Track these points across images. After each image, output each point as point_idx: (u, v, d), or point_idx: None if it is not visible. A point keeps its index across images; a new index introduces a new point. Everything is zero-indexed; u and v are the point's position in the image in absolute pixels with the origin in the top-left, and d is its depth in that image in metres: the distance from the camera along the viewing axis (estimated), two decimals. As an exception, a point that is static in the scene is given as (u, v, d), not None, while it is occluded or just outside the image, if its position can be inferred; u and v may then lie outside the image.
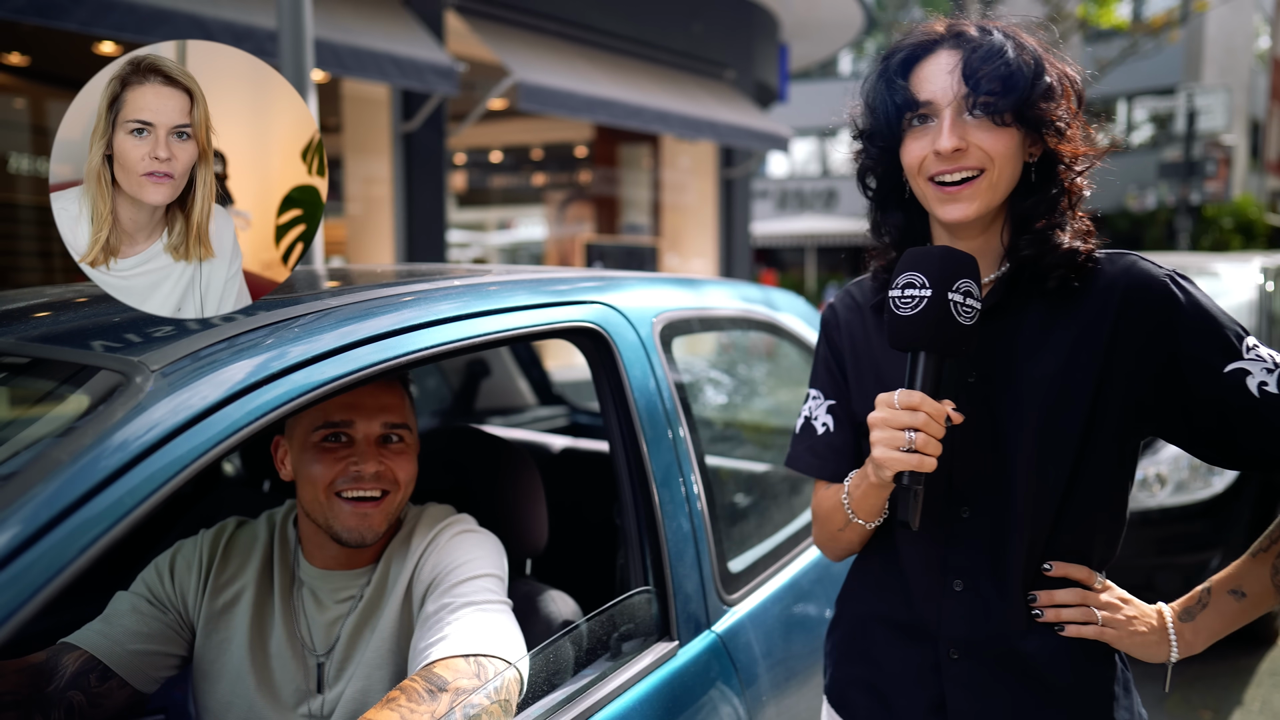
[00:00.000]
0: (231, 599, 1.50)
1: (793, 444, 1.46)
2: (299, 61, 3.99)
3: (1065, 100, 1.21)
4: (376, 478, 1.42)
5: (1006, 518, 1.23)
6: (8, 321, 1.40)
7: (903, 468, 1.13)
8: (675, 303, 1.94)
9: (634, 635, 1.59)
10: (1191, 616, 1.24)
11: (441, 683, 1.20)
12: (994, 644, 1.25)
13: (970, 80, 1.17)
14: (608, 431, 1.68)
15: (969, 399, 1.24)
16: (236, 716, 1.44)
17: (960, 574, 1.26)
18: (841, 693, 1.42)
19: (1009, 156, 1.19)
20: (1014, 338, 1.24)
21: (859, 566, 1.43)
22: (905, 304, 1.15)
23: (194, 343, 1.16)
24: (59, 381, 1.16)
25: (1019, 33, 1.22)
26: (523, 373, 3.94)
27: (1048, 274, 1.22)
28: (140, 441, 1.00)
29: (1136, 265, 1.22)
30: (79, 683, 1.38)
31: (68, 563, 0.90)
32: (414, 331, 1.36)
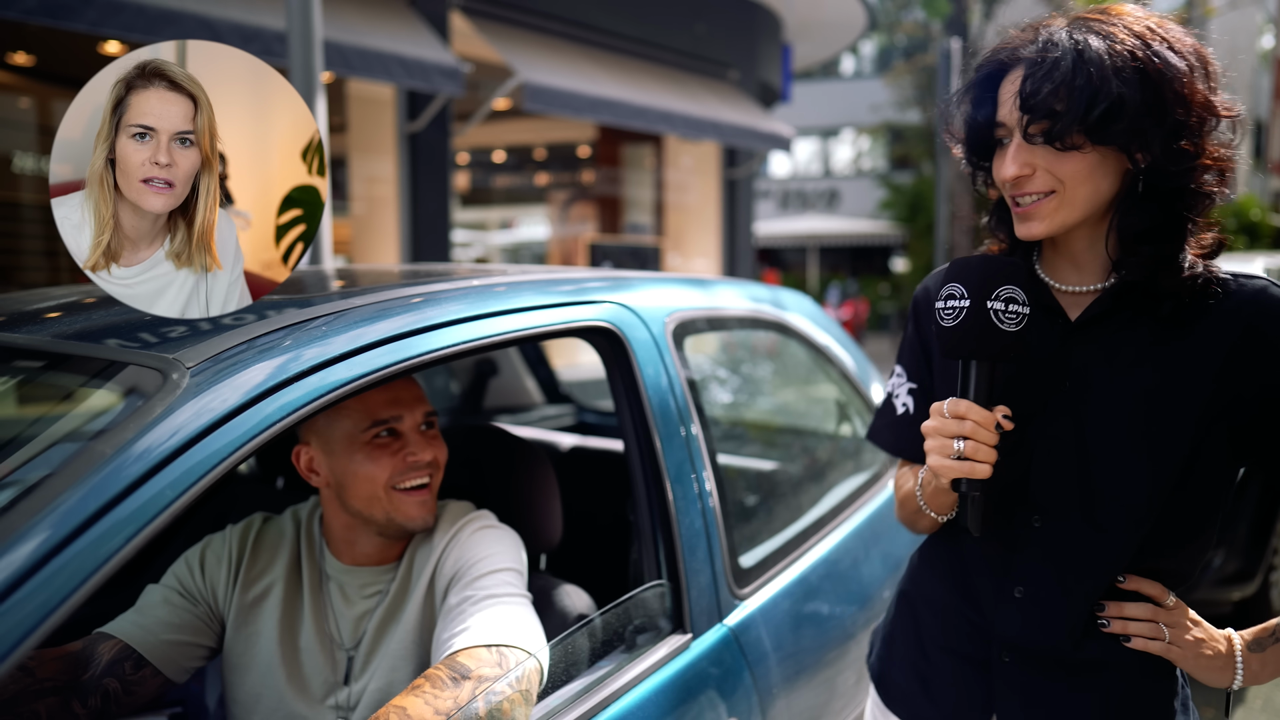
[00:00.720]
0: (261, 593, 1.53)
1: (875, 417, 1.47)
2: (308, 63, 4.02)
3: (1164, 107, 1.09)
4: (431, 464, 1.49)
5: (1078, 531, 1.20)
6: (39, 320, 1.43)
7: (953, 474, 1.13)
8: (687, 302, 1.97)
9: (648, 628, 1.62)
10: (1261, 647, 1.21)
11: (465, 671, 1.23)
12: (1047, 653, 1.24)
13: (1025, 106, 1.12)
14: (622, 428, 1.71)
15: (1059, 407, 1.21)
16: (266, 707, 1.48)
17: (1023, 581, 1.24)
18: (885, 670, 1.42)
19: (1083, 177, 1.13)
20: (1115, 351, 1.20)
21: (926, 553, 1.42)
22: (948, 315, 1.15)
23: (221, 343, 1.19)
24: (96, 378, 1.19)
25: (1103, 32, 1.12)
26: (530, 371, 3.97)
27: (1162, 299, 1.17)
28: (181, 435, 1.03)
29: (1269, 291, 1.16)
30: (114, 670, 1.42)
31: (115, 550, 0.94)
32: (436, 330, 1.39)
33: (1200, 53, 1.14)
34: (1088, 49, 1.10)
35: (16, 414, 1.27)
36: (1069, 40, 1.12)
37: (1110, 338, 1.21)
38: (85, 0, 5.12)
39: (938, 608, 1.35)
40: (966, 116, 1.23)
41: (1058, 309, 1.25)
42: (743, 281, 2.48)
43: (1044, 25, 1.18)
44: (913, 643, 1.38)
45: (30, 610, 0.88)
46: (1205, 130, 1.13)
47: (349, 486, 1.47)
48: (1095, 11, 1.16)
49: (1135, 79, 1.09)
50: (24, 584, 0.89)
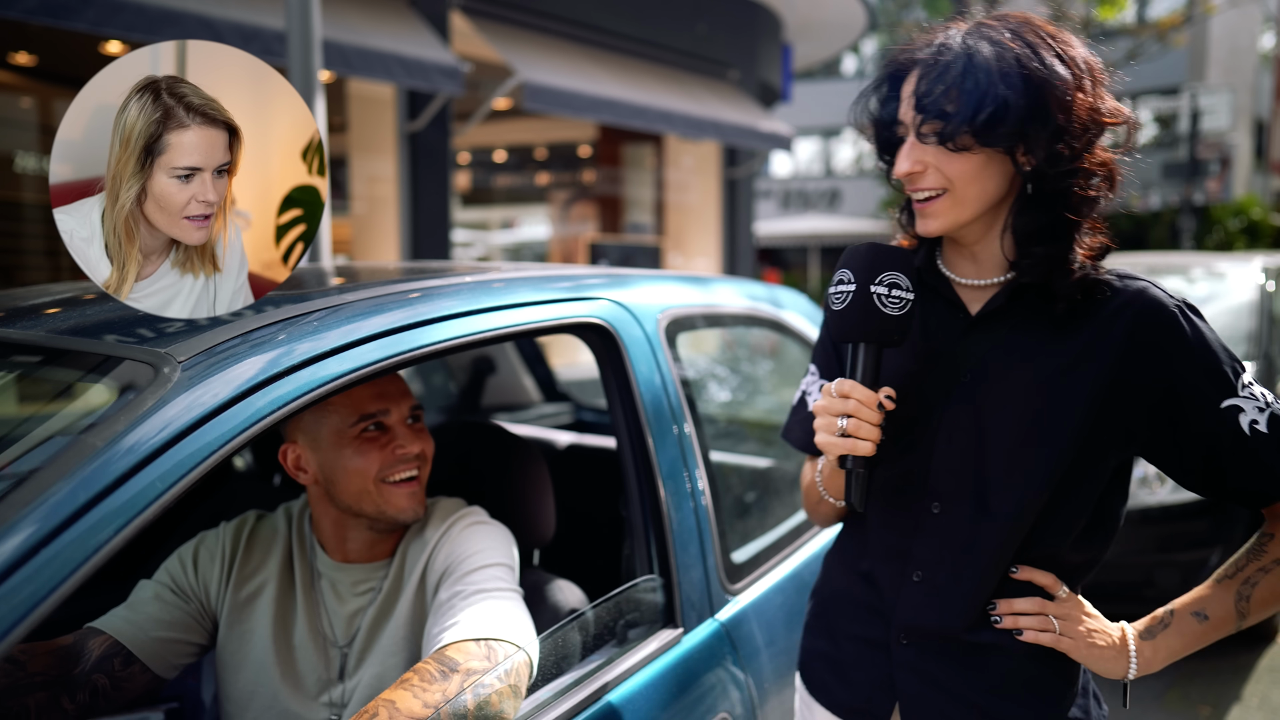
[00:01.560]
0: (255, 591, 1.54)
1: (789, 416, 1.51)
2: (307, 62, 4.03)
3: (1047, 112, 1.14)
4: (419, 456, 1.49)
5: (975, 519, 1.25)
6: (35, 315, 1.44)
7: (837, 451, 1.19)
8: (681, 299, 1.98)
9: (640, 623, 1.63)
10: (1152, 635, 1.25)
11: (453, 664, 1.24)
12: (942, 636, 1.28)
13: (918, 106, 1.17)
14: (614, 426, 1.72)
15: (958, 397, 1.26)
16: (260, 704, 1.49)
17: (921, 566, 1.28)
18: (806, 663, 1.46)
19: (971, 177, 1.18)
20: (1012, 344, 1.25)
21: (836, 545, 1.46)
22: (836, 299, 1.21)
23: (214, 337, 1.20)
24: (90, 371, 1.20)
25: (996, 38, 1.16)
26: (528, 370, 3.98)
27: (1056, 299, 1.21)
28: (172, 428, 1.04)
29: (1148, 292, 1.21)
30: (103, 666, 1.43)
31: (104, 542, 0.95)
32: (428, 325, 1.40)
33: (1089, 63, 1.19)
34: (977, 54, 1.15)
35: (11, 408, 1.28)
36: (961, 45, 1.17)
37: (1007, 332, 1.26)
38: (85, 0, 5.14)
39: (844, 596, 1.39)
40: (872, 114, 1.29)
41: (959, 302, 1.30)
42: (740, 280, 2.48)
43: (943, 29, 1.22)
44: (825, 632, 1.42)
45: (19, 601, 0.89)
46: (1088, 137, 1.18)
47: (338, 482, 1.47)
48: (993, 18, 1.21)
49: (1020, 84, 1.13)
50: (12, 575, 0.90)
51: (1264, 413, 1.18)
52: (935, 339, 1.30)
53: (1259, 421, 1.17)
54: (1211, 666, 4.02)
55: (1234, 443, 1.18)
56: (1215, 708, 3.67)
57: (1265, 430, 1.17)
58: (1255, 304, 5.01)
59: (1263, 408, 1.18)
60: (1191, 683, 3.87)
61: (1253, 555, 1.24)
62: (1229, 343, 1.13)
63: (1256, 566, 1.23)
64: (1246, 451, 1.17)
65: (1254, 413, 1.18)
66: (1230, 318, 5.03)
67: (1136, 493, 3.98)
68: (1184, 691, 3.79)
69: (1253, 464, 1.18)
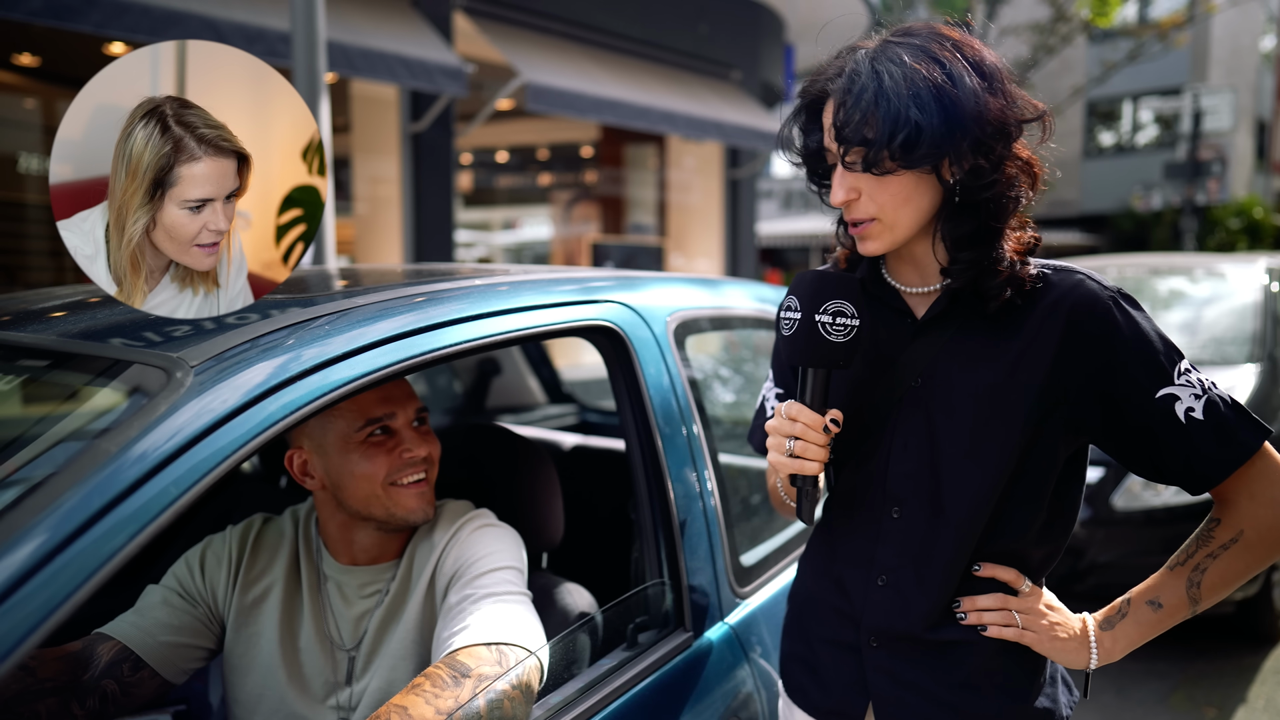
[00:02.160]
0: (261, 594, 1.54)
1: (753, 420, 1.53)
2: (312, 64, 4.03)
3: (962, 126, 1.15)
4: (426, 459, 1.49)
5: (934, 521, 1.27)
6: (46, 319, 1.44)
7: (787, 470, 1.24)
8: (690, 302, 1.98)
9: (649, 626, 1.62)
10: (1111, 626, 1.28)
11: (465, 669, 1.24)
12: (910, 637, 1.30)
13: (838, 137, 1.18)
14: (623, 427, 1.71)
15: (910, 402, 1.29)
16: (267, 708, 1.48)
17: (885, 570, 1.31)
18: (785, 666, 1.48)
19: (901, 200, 1.20)
20: (957, 347, 1.27)
21: (807, 550, 1.48)
22: (785, 326, 1.26)
23: (224, 342, 1.20)
24: (101, 376, 1.19)
25: (903, 59, 1.16)
26: (533, 371, 3.98)
27: (985, 299, 1.24)
28: (184, 434, 1.04)
29: (1084, 285, 1.24)
30: (113, 672, 1.42)
31: (118, 549, 0.94)
32: (437, 330, 1.39)
33: (996, 66, 1.20)
34: (886, 78, 1.15)
35: (22, 412, 1.28)
36: (870, 70, 1.16)
37: (953, 334, 1.28)
38: (90, 2, 5.13)
39: (816, 601, 1.41)
40: (799, 144, 1.31)
41: (906, 309, 1.32)
42: (749, 282, 2.48)
43: (850, 52, 1.23)
44: (800, 636, 1.44)
45: (34, 608, 0.89)
46: (1006, 140, 1.19)
47: (346, 487, 1.46)
48: (899, 32, 1.22)
49: (932, 104, 1.14)
50: (27, 581, 0.89)
51: (1200, 399, 1.20)
52: (885, 346, 1.32)
53: (1195, 409, 1.20)
54: (1217, 668, 4.02)
55: (1170, 431, 1.20)
56: (1220, 709, 3.66)
57: (1201, 417, 1.20)
58: (1259, 305, 5.00)
59: (1199, 395, 1.21)
60: (1197, 684, 3.86)
61: (1201, 542, 1.27)
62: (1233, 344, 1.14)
63: (1205, 553, 1.26)
64: (1183, 439, 1.20)
65: (1190, 400, 1.20)
66: (1234, 319, 5.02)
67: (1141, 494, 3.97)
68: (1189, 693, 3.78)
69: (1190, 451, 1.21)
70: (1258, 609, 4.19)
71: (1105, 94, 23.26)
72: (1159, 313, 5.42)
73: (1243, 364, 4.64)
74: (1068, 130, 24.14)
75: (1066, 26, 17.39)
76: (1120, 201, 22.57)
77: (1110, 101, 24.49)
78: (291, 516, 1.63)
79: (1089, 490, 4.03)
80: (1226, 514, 1.25)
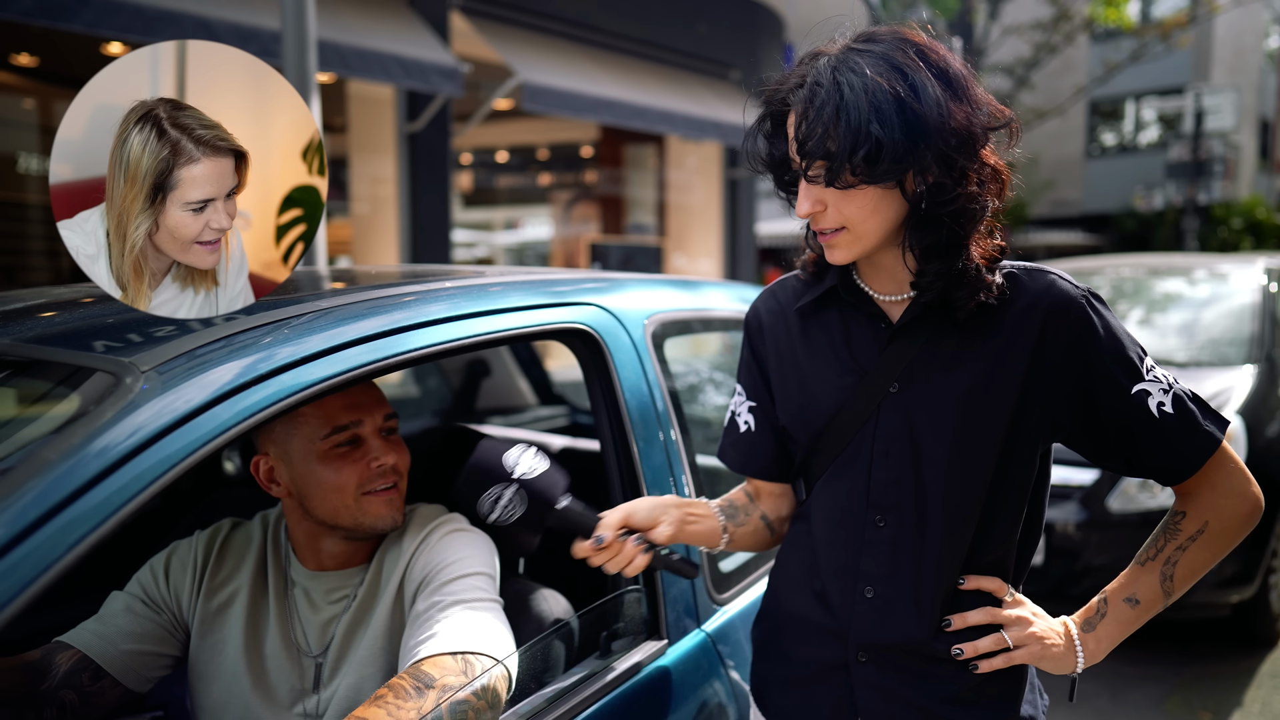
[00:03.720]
0: (226, 600, 1.51)
1: (723, 436, 1.51)
2: (302, 63, 4.01)
3: (926, 137, 1.12)
4: (394, 469, 1.46)
5: (919, 529, 1.26)
6: (6, 322, 1.42)
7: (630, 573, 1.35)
8: (669, 304, 1.95)
9: (624, 634, 1.60)
10: (1092, 627, 1.29)
11: (429, 680, 1.22)
12: (901, 649, 1.28)
13: (800, 151, 1.16)
14: (599, 432, 1.69)
15: (890, 409, 1.27)
16: (233, 716, 1.46)
17: (871, 581, 1.29)
18: (760, 689, 1.45)
19: (866, 213, 1.18)
20: (934, 350, 1.26)
21: (780, 564, 1.45)
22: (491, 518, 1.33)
23: (187, 343, 1.18)
24: (53, 382, 1.18)
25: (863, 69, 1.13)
26: (523, 373, 3.96)
27: (955, 308, 1.23)
28: (128, 441, 1.01)
29: (1056, 285, 1.24)
30: (71, 681, 1.40)
31: (56, 559, 0.92)
32: (407, 332, 1.37)
33: (960, 72, 1.17)
34: (847, 91, 1.12)
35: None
36: (832, 82, 1.13)
37: (928, 339, 1.27)
38: (82, 1, 5.12)
39: (797, 619, 1.38)
40: (763, 154, 1.28)
41: (881, 314, 1.31)
42: (733, 283, 2.46)
43: (810, 60, 1.20)
44: (781, 656, 1.41)
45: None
46: (970, 150, 1.16)
47: (311, 496, 1.43)
48: (862, 39, 1.19)
49: (894, 117, 1.11)
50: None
51: (1168, 394, 1.23)
52: (859, 353, 1.30)
53: (1165, 403, 1.22)
54: (1213, 672, 3.99)
55: (1145, 425, 1.22)
56: (1216, 713, 3.63)
57: (1171, 411, 1.22)
58: (1258, 306, 4.97)
59: (1166, 389, 1.23)
60: (1192, 689, 3.83)
61: (1169, 535, 1.29)
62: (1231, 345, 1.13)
63: (1174, 546, 1.28)
64: (1157, 432, 1.22)
65: (1160, 395, 1.23)
66: (1232, 321, 4.99)
67: (1136, 496, 3.95)
68: (1185, 698, 3.76)
69: (1163, 444, 1.23)
70: (1254, 612, 4.16)
71: (1107, 93, 23.20)
72: (1157, 314, 5.39)
73: (1241, 365, 4.61)
74: (1070, 130, 24.10)
75: (1069, 25, 17.36)
76: (1122, 201, 22.52)
77: (1113, 101, 24.44)
78: (261, 521, 1.60)
79: (1084, 493, 4.01)
80: (1190, 506, 1.28)
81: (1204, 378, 4.49)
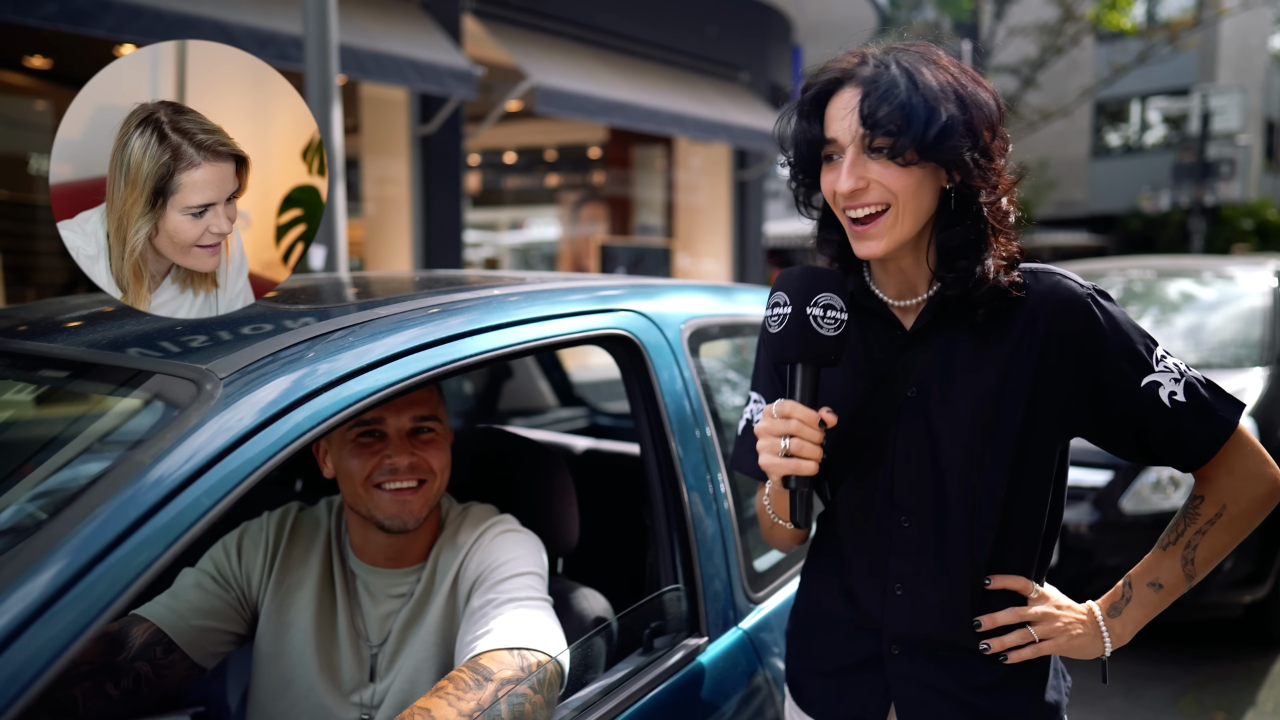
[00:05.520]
0: (297, 582, 1.56)
1: (735, 445, 1.52)
2: (324, 68, 4.06)
3: (976, 131, 1.21)
4: (411, 469, 1.48)
5: (944, 527, 1.30)
6: (71, 329, 1.47)
7: (782, 471, 1.21)
8: (704, 309, 2.00)
9: (665, 631, 1.64)
10: (1118, 612, 1.34)
11: (488, 673, 1.26)
12: (933, 642, 1.34)
13: (867, 121, 1.19)
14: (639, 434, 1.73)
15: (908, 412, 1.31)
16: (294, 695, 1.51)
17: (900, 579, 1.33)
18: (795, 681, 1.49)
19: (913, 191, 1.22)
20: (949, 355, 1.30)
21: (810, 564, 1.49)
22: (773, 322, 1.25)
23: (252, 353, 1.22)
24: (132, 388, 1.22)
25: (923, 62, 1.22)
26: (544, 375, 4.00)
27: (975, 308, 1.27)
28: (216, 444, 1.06)
29: (1061, 285, 1.28)
30: (146, 654, 1.45)
31: (155, 557, 0.97)
32: (458, 340, 1.42)
33: (994, 94, 1.26)
34: (918, 75, 1.20)
35: (53, 423, 1.30)
36: (898, 66, 1.21)
37: (943, 344, 1.31)
38: (103, 6, 5.17)
39: (828, 615, 1.43)
40: (797, 133, 1.30)
41: (895, 321, 1.34)
42: (762, 289, 2.50)
43: (868, 52, 1.26)
44: (813, 654, 1.45)
45: (74, 616, 0.91)
46: (1001, 159, 1.26)
47: (341, 481, 1.51)
48: (904, 46, 1.26)
49: (957, 105, 1.20)
50: (70, 589, 0.92)
51: (1179, 382, 1.26)
52: (877, 359, 1.34)
53: (1177, 392, 1.26)
54: (1225, 671, 4.03)
55: (1158, 416, 1.26)
56: (1230, 712, 3.67)
57: (1183, 399, 1.26)
58: (1268, 309, 5.00)
59: (1178, 378, 1.26)
60: (1205, 688, 3.87)
61: (1189, 520, 1.33)
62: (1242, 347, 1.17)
63: (1194, 530, 1.32)
64: (1170, 422, 1.26)
65: (1171, 384, 1.26)
66: (1243, 323, 5.02)
67: (1150, 497, 3.98)
68: (1198, 697, 3.79)
69: (1177, 432, 1.26)
70: (1266, 613, 4.20)
71: (1113, 94, 23.20)
72: (1168, 315, 5.42)
73: (1252, 367, 4.65)
74: (1075, 130, 24.09)
75: (1074, 27, 17.36)
76: (1128, 202, 22.52)
77: (1118, 102, 24.43)
78: (326, 506, 1.65)
79: (1097, 494, 4.04)
80: (1208, 490, 1.31)
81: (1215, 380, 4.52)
